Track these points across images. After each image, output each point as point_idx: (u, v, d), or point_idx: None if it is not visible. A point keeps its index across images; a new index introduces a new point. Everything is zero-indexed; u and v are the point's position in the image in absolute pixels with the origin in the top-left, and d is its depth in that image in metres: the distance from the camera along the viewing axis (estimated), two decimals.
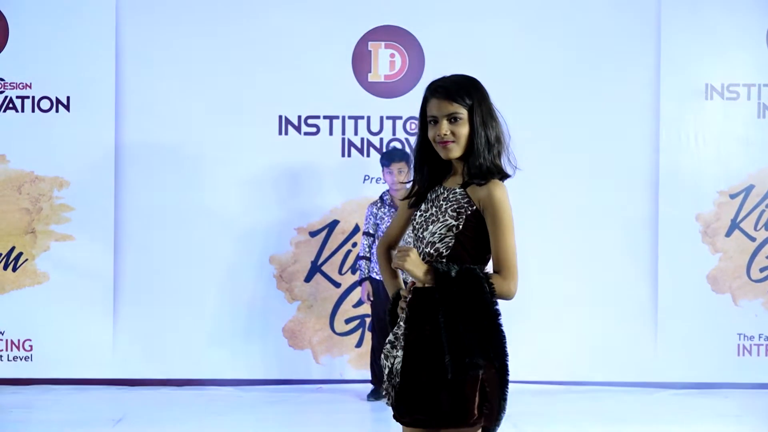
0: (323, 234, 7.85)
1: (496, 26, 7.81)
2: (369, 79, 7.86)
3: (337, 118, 7.84)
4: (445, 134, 3.23)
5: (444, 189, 3.31)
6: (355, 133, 7.85)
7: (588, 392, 7.65)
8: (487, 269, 3.26)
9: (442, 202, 3.28)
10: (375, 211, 7.27)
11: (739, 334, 7.84)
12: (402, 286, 3.49)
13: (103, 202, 7.72)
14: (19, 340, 7.75)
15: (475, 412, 3.14)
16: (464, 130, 3.24)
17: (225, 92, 7.77)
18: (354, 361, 7.86)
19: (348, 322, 7.88)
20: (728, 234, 7.86)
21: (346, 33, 7.83)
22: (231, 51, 7.78)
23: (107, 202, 7.73)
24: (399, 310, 3.37)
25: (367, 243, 7.29)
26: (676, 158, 7.81)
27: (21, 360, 7.75)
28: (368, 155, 7.83)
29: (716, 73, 7.83)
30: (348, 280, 7.86)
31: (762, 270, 7.87)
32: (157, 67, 7.78)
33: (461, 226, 3.22)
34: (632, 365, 7.80)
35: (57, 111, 7.74)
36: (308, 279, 7.87)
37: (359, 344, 7.86)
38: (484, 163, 3.24)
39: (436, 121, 3.27)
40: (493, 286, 3.14)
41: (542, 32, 7.80)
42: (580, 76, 7.80)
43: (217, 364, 7.79)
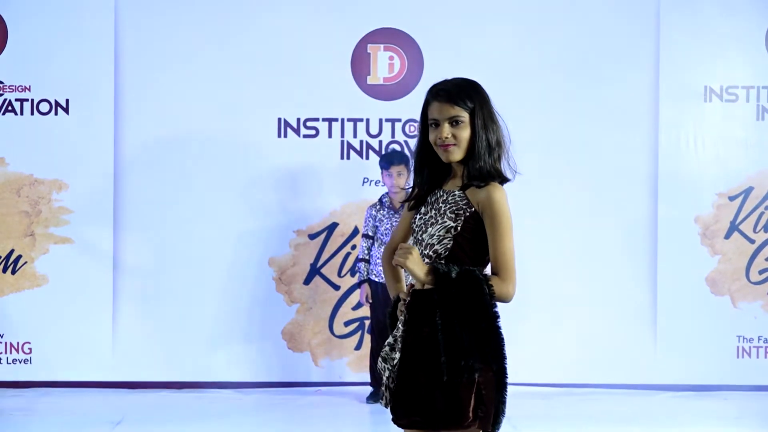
0: (322, 236, 7.85)
1: (496, 29, 7.81)
2: (368, 82, 7.86)
3: (336, 120, 7.84)
4: (447, 137, 3.24)
5: (444, 192, 3.31)
6: (354, 136, 7.85)
7: (587, 394, 7.65)
8: (486, 271, 3.26)
9: (441, 204, 3.28)
10: (374, 213, 7.27)
11: (739, 336, 7.84)
12: (404, 289, 3.49)
13: (103, 204, 7.72)
14: (18, 343, 7.75)
15: (470, 414, 3.14)
16: (465, 134, 3.24)
17: (224, 95, 7.77)
18: (353, 364, 7.86)
19: (347, 324, 7.88)
20: (727, 236, 7.86)
21: (345, 35, 7.83)
22: (230, 54, 7.78)
23: (106, 204, 7.73)
24: (398, 313, 3.37)
25: (366, 245, 7.29)
26: (676, 160, 7.81)
27: (20, 363, 7.74)
28: (367, 158, 7.83)
29: (715, 76, 7.84)
30: (347, 283, 7.86)
31: (761, 272, 7.87)
32: (156, 69, 7.78)
33: (459, 228, 3.22)
34: (631, 367, 7.80)
35: (56, 114, 7.74)
36: (307, 281, 7.86)
37: (358, 347, 7.85)
38: (484, 166, 3.24)
39: (437, 124, 3.27)
40: (492, 288, 3.14)
41: (541, 35, 7.80)
42: (580, 78, 7.80)
43: (216, 367, 7.79)
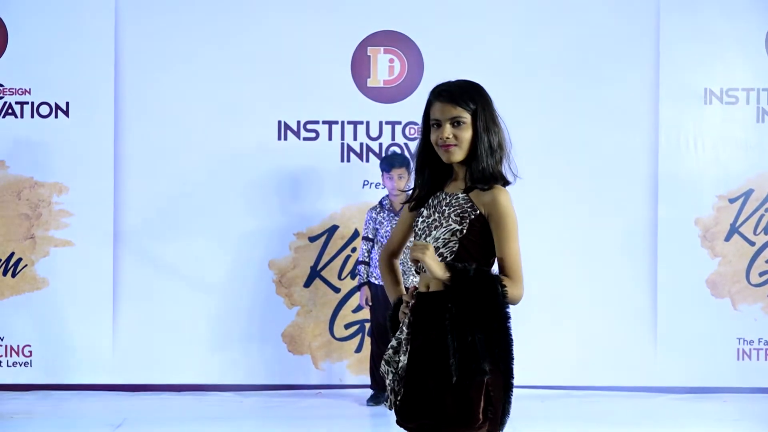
0: (323, 239, 7.85)
1: (495, 31, 7.81)
2: (368, 84, 7.86)
3: (336, 123, 7.84)
4: (448, 137, 3.23)
5: (446, 194, 3.30)
6: (355, 138, 7.85)
7: (587, 396, 7.65)
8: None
9: (444, 207, 3.27)
10: (374, 215, 7.26)
11: (739, 339, 7.83)
12: (404, 292, 3.49)
13: (103, 207, 7.72)
14: (18, 346, 7.75)
15: (480, 416, 3.14)
16: (467, 134, 3.24)
17: (224, 97, 7.77)
18: (353, 367, 7.85)
19: (347, 327, 7.88)
20: (727, 238, 7.86)
21: (345, 38, 7.83)
22: (230, 56, 7.78)
23: (106, 207, 7.73)
24: (401, 315, 3.36)
25: (366, 248, 7.29)
26: (676, 162, 7.81)
27: (20, 366, 7.74)
28: (367, 160, 7.83)
29: (715, 78, 7.83)
30: (347, 285, 7.86)
31: (761, 274, 7.86)
32: (156, 72, 7.78)
33: (465, 231, 3.22)
34: (632, 370, 7.80)
35: (56, 116, 7.74)
36: (308, 284, 7.86)
37: (359, 349, 7.85)
38: (487, 168, 3.24)
39: (439, 125, 3.27)
40: (505, 288, 3.15)
41: (541, 37, 7.80)
42: (580, 80, 7.80)
43: (216, 370, 7.79)
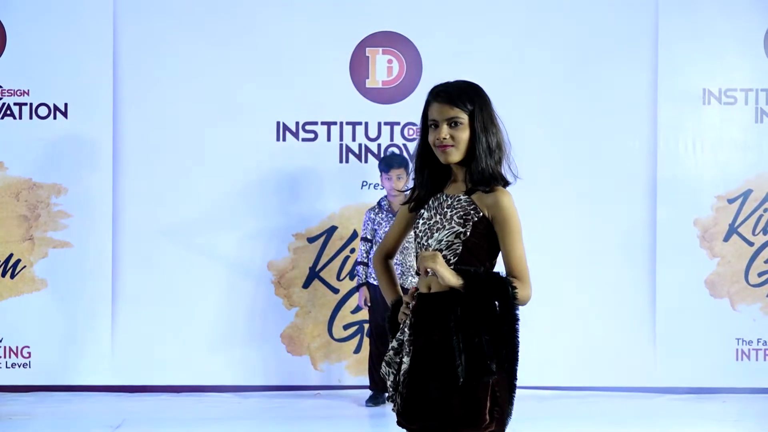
0: (321, 240, 7.85)
1: (494, 32, 7.81)
2: (367, 85, 7.86)
3: (335, 124, 7.84)
4: (445, 138, 3.23)
5: (447, 196, 3.29)
6: (353, 139, 7.84)
7: (586, 397, 7.64)
8: None
9: (446, 209, 3.26)
10: (373, 216, 7.26)
11: (738, 339, 7.83)
12: (401, 293, 3.48)
13: (101, 208, 7.71)
14: (17, 347, 7.74)
15: (486, 416, 3.14)
16: (464, 135, 3.24)
17: (223, 98, 7.77)
18: (352, 367, 7.85)
19: (346, 328, 7.87)
20: (726, 239, 7.86)
21: (344, 39, 7.83)
22: (229, 57, 7.78)
23: (105, 208, 7.72)
24: (401, 316, 3.35)
25: (364, 248, 7.29)
26: (674, 163, 7.81)
27: (19, 367, 7.73)
28: (366, 161, 7.83)
29: (714, 78, 7.83)
30: (346, 286, 7.86)
31: (760, 275, 7.86)
32: (155, 73, 7.78)
33: (469, 233, 3.21)
34: (631, 370, 7.80)
35: (55, 118, 7.73)
36: (306, 285, 7.86)
37: (357, 350, 7.85)
38: (486, 170, 3.23)
39: (436, 125, 3.26)
40: (516, 290, 3.15)
41: (540, 38, 7.80)
42: (578, 81, 7.80)
43: (215, 371, 7.78)
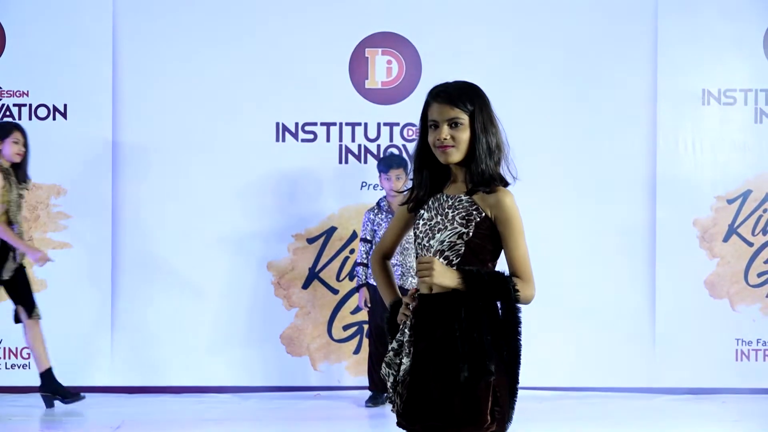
0: (321, 240, 7.85)
1: (493, 33, 7.81)
2: (366, 86, 7.86)
3: (334, 124, 7.84)
4: (445, 138, 3.22)
5: (447, 197, 3.28)
6: (353, 140, 7.85)
7: (586, 398, 7.64)
8: None
9: (447, 210, 3.25)
10: (372, 217, 7.26)
11: (737, 340, 7.83)
12: (399, 294, 3.48)
13: (101, 209, 7.71)
14: (17, 348, 7.74)
15: (488, 416, 3.14)
16: (465, 136, 3.23)
17: (222, 99, 7.77)
18: (352, 368, 7.85)
19: (346, 328, 7.87)
20: (726, 239, 7.86)
21: (343, 40, 7.83)
22: (228, 58, 7.78)
23: (104, 209, 7.72)
24: (401, 317, 3.34)
25: (364, 249, 7.29)
26: (674, 163, 7.81)
27: (19, 368, 7.73)
28: (365, 162, 7.83)
29: (713, 79, 7.83)
30: (346, 287, 7.86)
31: (760, 275, 7.86)
32: (154, 74, 7.78)
33: (471, 233, 3.21)
34: (630, 370, 7.80)
35: (54, 119, 7.74)
36: (306, 286, 7.86)
37: (357, 351, 7.85)
38: (486, 170, 3.23)
39: (436, 126, 3.25)
40: (518, 291, 3.15)
41: (539, 39, 7.80)
42: (578, 81, 7.80)
43: (215, 372, 7.78)
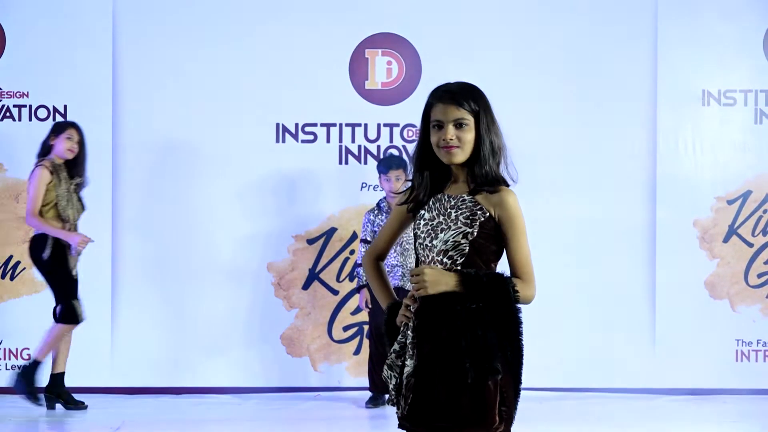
0: (321, 241, 7.85)
1: (493, 34, 7.81)
2: (366, 87, 7.86)
3: (334, 125, 7.84)
4: (451, 139, 3.22)
5: (449, 197, 3.27)
6: (353, 141, 7.85)
7: (586, 398, 7.64)
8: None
9: (450, 210, 3.25)
10: (372, 218, 7.26)
11: (737, 340, 7.83)
12: (395, 296, 3.48)
13: (100, 210, 7.69)
14: (17, 349, 7.74)
15: (496, 417, 3.14)
16: (469, 136, 3.23)
17: (222, 100, 7.78)
18: (352, 369, 7.85)
19: (346, 329, 7.87)
20: (726, 240, 7.86)
21: (343, 40, 7.83)
22: (228, 59, 7.78)
23: (104, 210, 7.71)
24: (402, 318, 3.33)
25: (364, 250, 7.29)
26: (674, 164, 7.81)
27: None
28: (365, 162, 7.83)
29: (713, 80, 7.84)
30: (346, 288, 7.85)
31: (760, 276, 7.86)
32: (155, 75, 7.78)
33: (476, 233, 3.21)
34: (630, 371, 7.80)
35: (54, 119, 7.72)
36: (306, 286, 7.86)
37: (357, 351, 7.85)
38: (490, 171, 3.23)
39: (440, 126, 3.25)
40: (518, 292, 3.15)
41: (540, 40, 7.80)
42: (578, 82, 7.80)
43: (215, 372, 7.78)
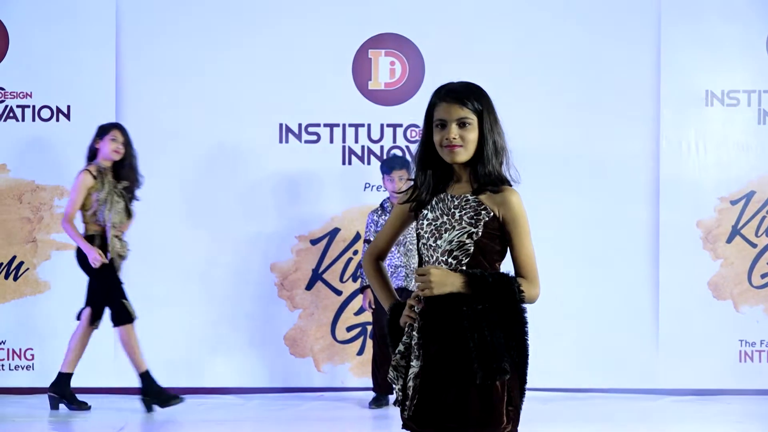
0: (324, 242, 7.85)
1: (497, 34, 7.81)
2: (369, 87, 7.86)
3: (337, 126, 7.84)
4: (454, 138, 3.22)
5: (452, 197, 3.28)
6: (356, 141, 7.85)
7: (589, 399, 7.64)
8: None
9: (453, 210, 3.25)
10: (375, 218, 7.26)
11: (741, 341, 7.83)
12: (397, 297, 3.48)
13: None
14: (20, 350, 7.75)
15: (504, 417, 3.14)
16: (473, 136, 3.24)
17: (225, 100, 7.78)
18: (355, 369, 7.85)
19: (349, 330, 7.87)
20: (729, 240, 7.86)
21: (347, 41, 7.83)
22: (231, 59, 7.79)
23: None
24: (405, 319, 3.33)
25: None
26: (677, 165, 7.81)
27: (22, 369, 7.74)
28: (369, 163, 7.83)
29: (716, 80, 7.83)
30: (349, 288, 7.86)
31: (763, 276, 7.86)
32: (158, 75, 7.78)
33: (480, 233, 3.21)
34: (634, 372, 7.80)
35: (57, 120, 7.74)
36: (309, 287, 7.86)
37: (361, 352, 7.85)
38: (493, 171, 3.24)
39: (444, 126, 3.25)
40: (523, 292, 3.16)
41: (542, 41, 7.80)
42: (581, 83, 7.80)
43: (218, 373, 7.79)
